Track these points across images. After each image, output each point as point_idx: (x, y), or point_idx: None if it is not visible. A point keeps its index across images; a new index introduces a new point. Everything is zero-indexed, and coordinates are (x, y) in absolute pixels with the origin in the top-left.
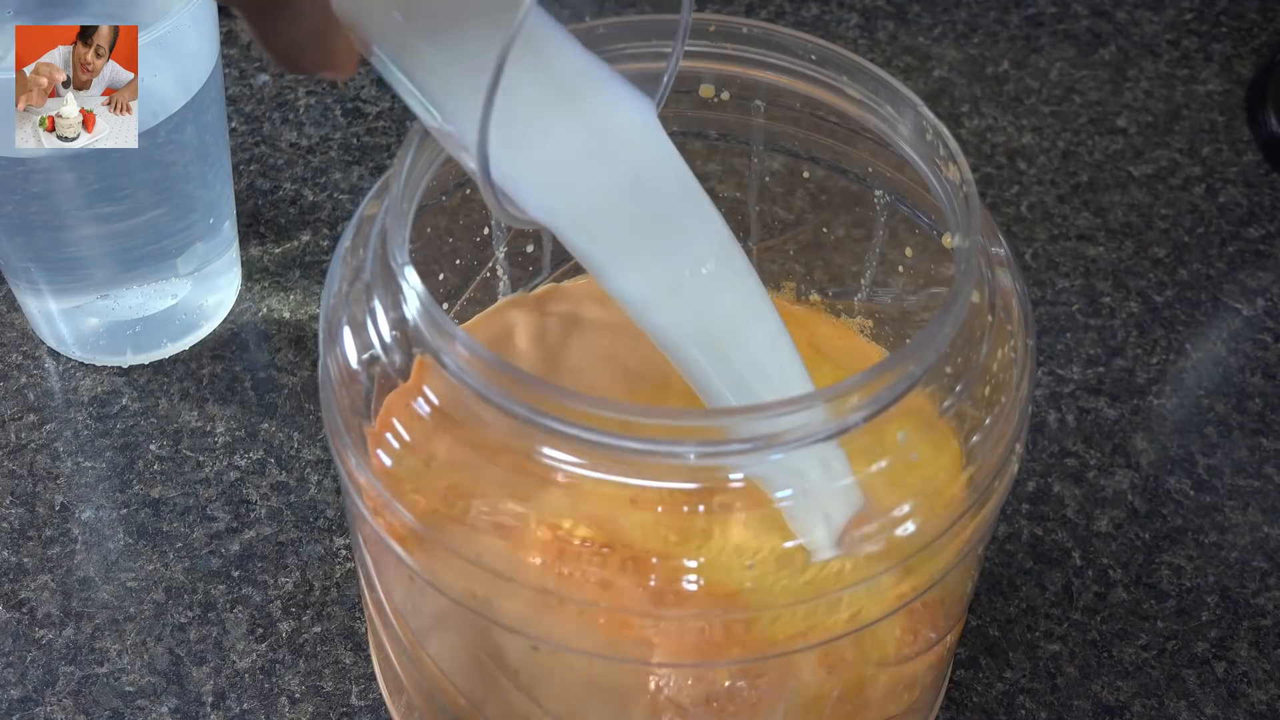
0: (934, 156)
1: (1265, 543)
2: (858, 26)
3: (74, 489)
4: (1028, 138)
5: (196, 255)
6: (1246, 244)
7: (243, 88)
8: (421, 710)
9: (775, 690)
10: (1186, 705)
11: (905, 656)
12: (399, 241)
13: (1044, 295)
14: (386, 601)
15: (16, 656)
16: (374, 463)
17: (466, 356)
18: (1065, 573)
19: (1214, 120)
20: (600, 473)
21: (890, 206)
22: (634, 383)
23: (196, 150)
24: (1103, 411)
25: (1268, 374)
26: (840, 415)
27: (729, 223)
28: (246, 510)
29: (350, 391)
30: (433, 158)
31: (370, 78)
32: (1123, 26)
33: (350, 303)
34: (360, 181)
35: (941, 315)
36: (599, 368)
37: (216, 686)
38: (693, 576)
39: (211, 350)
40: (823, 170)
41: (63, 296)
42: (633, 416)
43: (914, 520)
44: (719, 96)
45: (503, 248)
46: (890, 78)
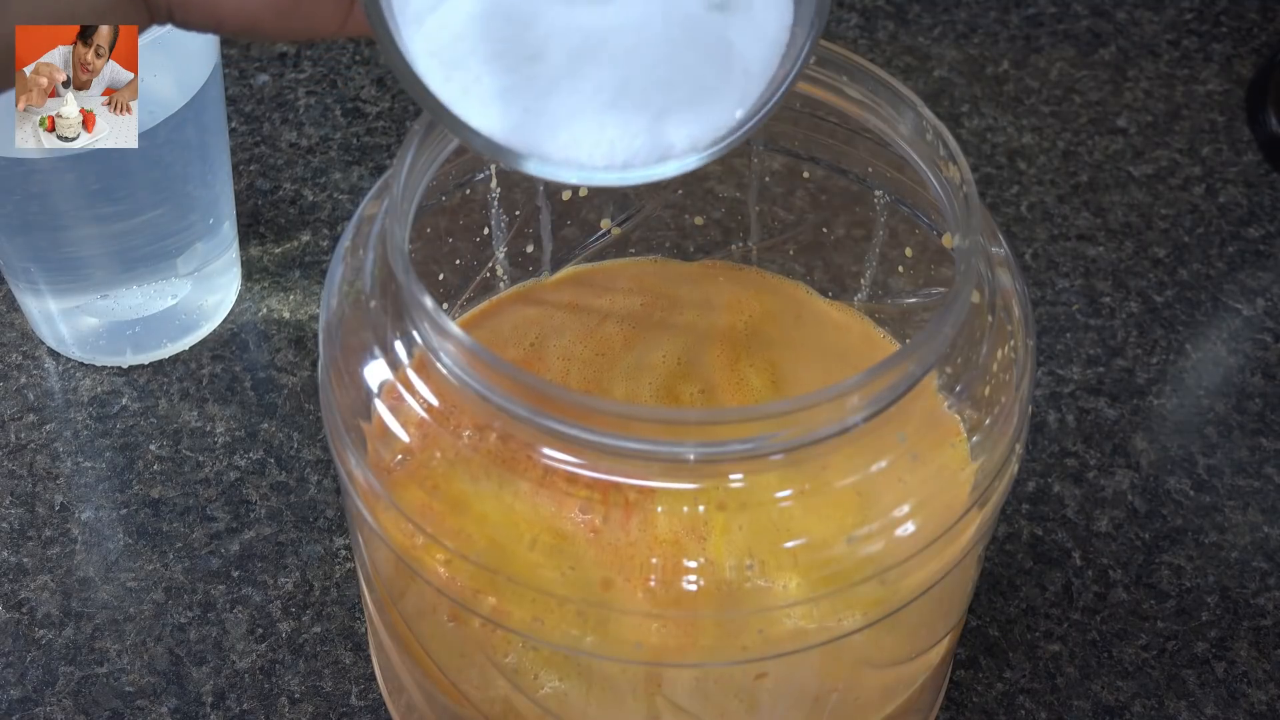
0: (934, 156)
1: (1265, 543)
2: (858, 26)
3: (74, 489)
4: (1028, 138)
5: (196, 255)
6: (1246, 244)
7: (243, 88)
8: (421, 710)
9: (775, 690)
10: (1186, 705)
11: (905, 657)
12: (399, 241)
13: (1044, 295)
14: (386, 601)
15: (16, 657)
16: (374, 462)
17: (466, 356)
18: (1065, 573)
19: (1214, 120)
20: (600, 473)
21: (890, 206)
22: (632, 373)
23: (196, 150)
24: (1103, 411)
25: (1268, 374)
26: (840, 415)
27: (729, 223)
28: (246, 510)
29: (350, 392)
30: (433, 158)
31: (370, 78)
32: (1123, 26)
33: (350, 303)
34: (360, 181)
35: (941, 315)
36: (593, 359)
37: (216, 687)
38: (693, 576)
39: (211, 350)
40: (823, 170)
41: (62, 296)
42: (633, 416)
43: (914, 520)
44: None
45: (503, 248)
46: (890, 78)
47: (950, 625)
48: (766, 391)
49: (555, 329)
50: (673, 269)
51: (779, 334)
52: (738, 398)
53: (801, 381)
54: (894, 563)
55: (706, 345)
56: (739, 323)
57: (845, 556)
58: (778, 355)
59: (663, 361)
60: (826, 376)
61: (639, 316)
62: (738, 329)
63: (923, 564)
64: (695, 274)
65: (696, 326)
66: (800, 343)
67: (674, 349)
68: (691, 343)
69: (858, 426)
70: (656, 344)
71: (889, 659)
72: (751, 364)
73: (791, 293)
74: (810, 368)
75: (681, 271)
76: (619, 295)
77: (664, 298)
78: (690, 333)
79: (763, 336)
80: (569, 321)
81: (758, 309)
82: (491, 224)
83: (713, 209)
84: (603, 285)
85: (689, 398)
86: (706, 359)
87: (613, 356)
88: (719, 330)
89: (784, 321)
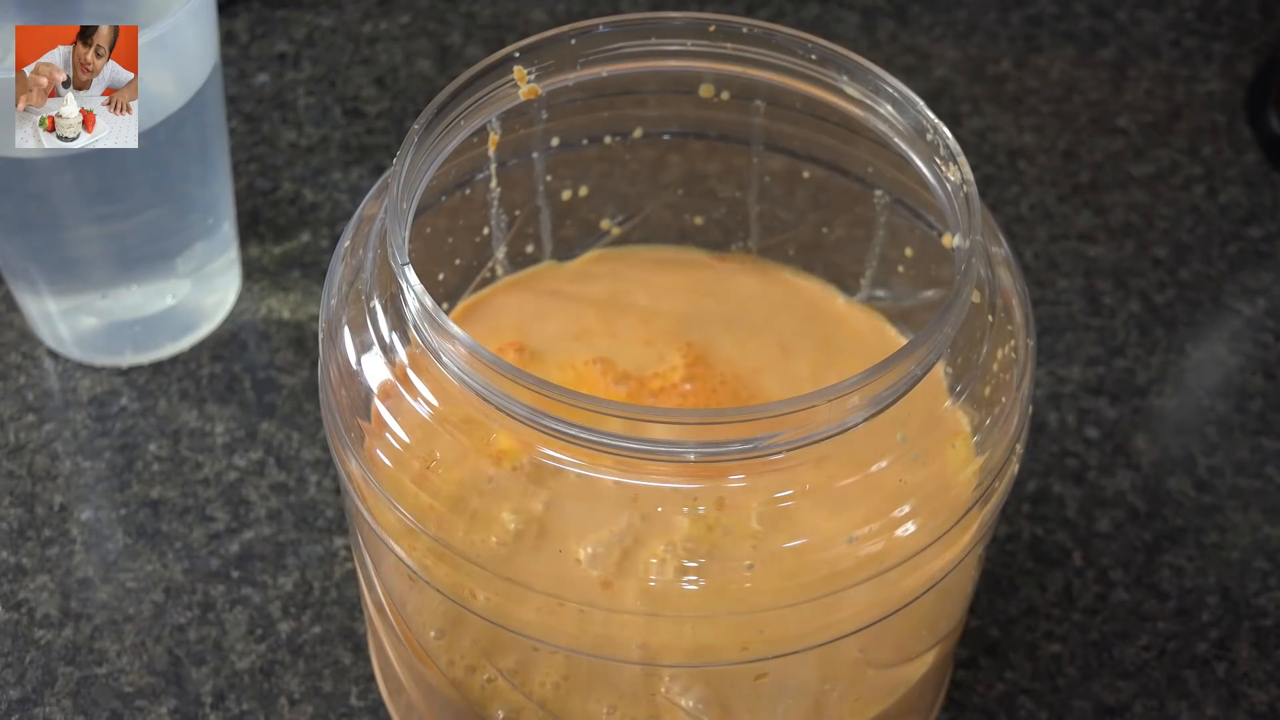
0: (934, 156)
1: (1266, 543)
2: (858, 26)
3: (73, 489)
4: (1028, 137)
5: (196, 255)
6: (1247, 244)
7: (243, 88)
8: (421, 710)
9: (775, 690)
10: (1187, 706)
11: (905, 657)
12: (399, 241)
13: (1044, 295)
14: (386, 601)
15: (15, 657)
16: (373, 463)
17: (466, 356)
18: (1066, 573)
19: (1215, 120)
20: (600, 473)
21: (890, 206)
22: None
23: (196, 150)
24: (1103, 411)
25: (1268, 374)
26: (840, 415)
27: (729, 223)
28: (246, 510)
29: (350, 391)
30: (433, 157)
31: (370, 77)
32: (1123, 26)
33: (350, 303)
34: (360, 181)
35: (941, 315)
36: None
37: (216, 687)
38: (693, 576)
39: (211, 350)
40: (823, 170)
41: (62, 296)
42: (633, 416)
43: (914, 520)
44: (719, 96)
45: (503, 248)
46: (890, 78)
47: (951, 625)
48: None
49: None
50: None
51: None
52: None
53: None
54: (894, 563)
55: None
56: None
57: (845, 556)
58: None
59: (655, 350)
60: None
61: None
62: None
63: (923, 564)
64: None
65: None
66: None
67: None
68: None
69: (858, 426)
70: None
71: (889, 659)
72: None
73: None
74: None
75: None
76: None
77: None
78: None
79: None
80: (561, 299)
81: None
82: (491, 224)
83: (713, 209)
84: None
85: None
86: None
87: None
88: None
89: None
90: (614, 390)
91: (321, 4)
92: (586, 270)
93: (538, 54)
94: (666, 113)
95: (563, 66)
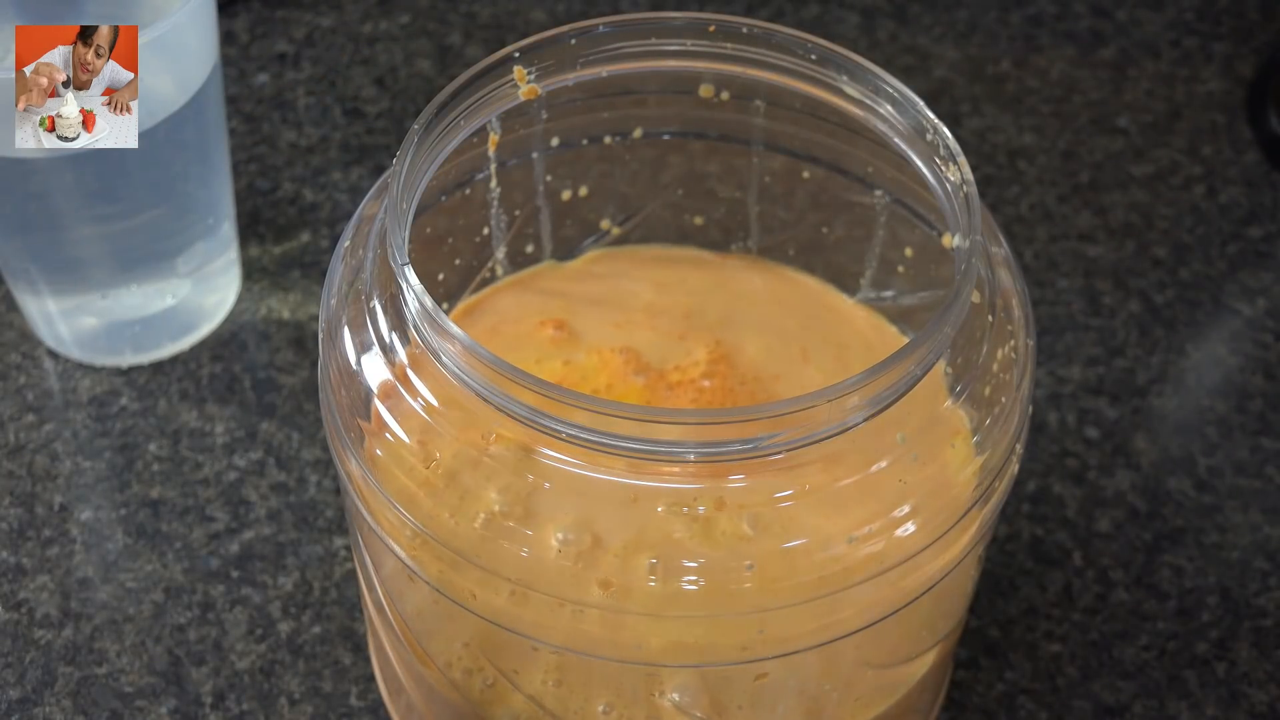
0: (934, 156)
1: (1266, 543)
2: (858, 26)
3: (73, 489)
4: (1028, 138)
5: (196, 255)
6: (1247, 244)
7: (243, 88)
8: (421, 710)
9: (775, 690)
10: (1187, 706)
11: (905, 657)
12: (399, 241)
13: (1044, 295)
14: (386, 601)
15: (15, 657)
16: (373, 463)
17: (466, 356)
18: (1066, 573)
19: (1215, 120)
20: (600, 473)
21: (890, 206)
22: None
23: (196, 150)
24: (1103, 411)
25: (1268, 374)
26: (840, 415)
27: (729, 223)
28: (246, 510)
29: (350, 391)
30: (433, 157)
31: (370, 77)
32: (1123, 26)
33: (350, 303)
34: (360, 181)
35: (941, 315)
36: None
37: (216, 687)
38: (693, 576)
39: (211, 350)
40: (823, 170)
41: (62, 296)
42: (633, 417)
43: (914, 520)
44: (719, 96)
45: (503, 248)
46: (890, 78)
47: (951, 625)
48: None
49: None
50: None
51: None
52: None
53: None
54: (894, 563)
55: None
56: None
57: (845, 556)
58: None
59: (655, 346)
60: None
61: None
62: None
63: (923, 564)
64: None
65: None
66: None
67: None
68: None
69: (858, 426)
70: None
71: (889, 659)
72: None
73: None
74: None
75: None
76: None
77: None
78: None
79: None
80: (563, 298)
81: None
82: (491, 224)
83: (713, 209)
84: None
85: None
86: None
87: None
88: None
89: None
90: (631, 380)
91: (321, 4)
92: (587, 270)
93: (538, 54)
94: (666, 113)
95: (563, 66)
